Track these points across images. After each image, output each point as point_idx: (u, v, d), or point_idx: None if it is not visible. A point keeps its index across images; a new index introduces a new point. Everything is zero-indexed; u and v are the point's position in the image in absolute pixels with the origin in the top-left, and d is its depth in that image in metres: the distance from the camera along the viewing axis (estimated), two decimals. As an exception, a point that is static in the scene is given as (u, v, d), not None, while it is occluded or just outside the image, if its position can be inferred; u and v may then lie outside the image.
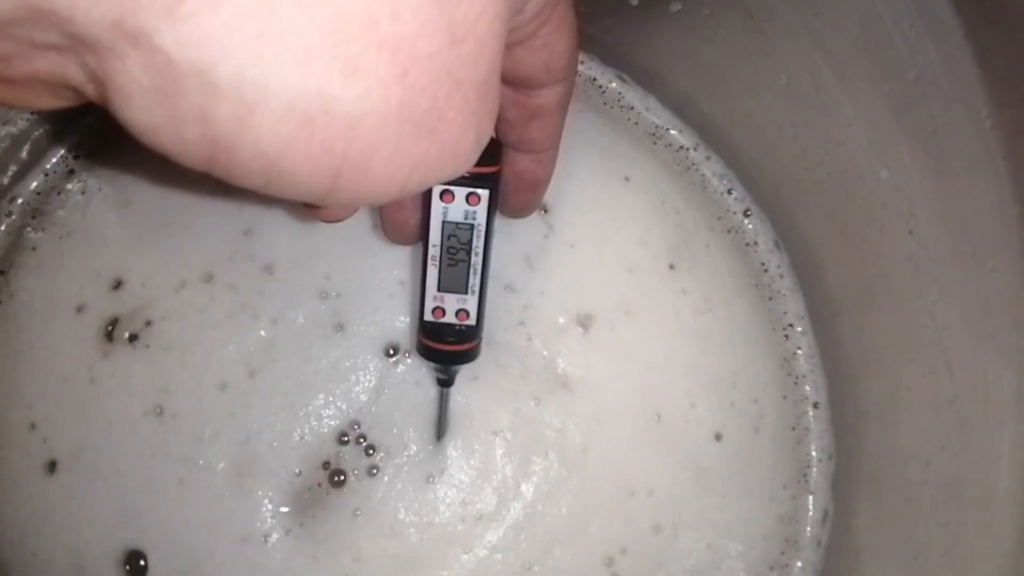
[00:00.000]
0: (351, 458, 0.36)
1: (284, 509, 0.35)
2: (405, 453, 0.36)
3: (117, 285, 0.37)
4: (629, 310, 0.38)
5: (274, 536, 0.35)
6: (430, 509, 0.36)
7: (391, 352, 0.37)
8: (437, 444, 0.36)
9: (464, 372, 0.36)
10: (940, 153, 0.30)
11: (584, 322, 0.38)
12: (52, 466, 0.36)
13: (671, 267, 0.39)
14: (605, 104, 0.41)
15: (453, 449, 0.36)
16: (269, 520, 0.35)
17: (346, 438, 0.36)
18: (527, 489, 0.36)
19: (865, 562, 0.36)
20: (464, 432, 0.37)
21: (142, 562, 0.35)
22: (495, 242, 0.32)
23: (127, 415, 0.36)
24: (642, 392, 0.38)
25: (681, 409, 0.38)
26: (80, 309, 0.37)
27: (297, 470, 0.36)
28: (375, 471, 0.36)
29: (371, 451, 0.36)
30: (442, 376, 0.34)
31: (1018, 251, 0.28)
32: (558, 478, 0.37)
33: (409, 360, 0.37)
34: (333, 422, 0.36)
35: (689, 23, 0.36)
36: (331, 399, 0.36)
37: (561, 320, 0.38)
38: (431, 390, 0.36)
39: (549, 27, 0.24)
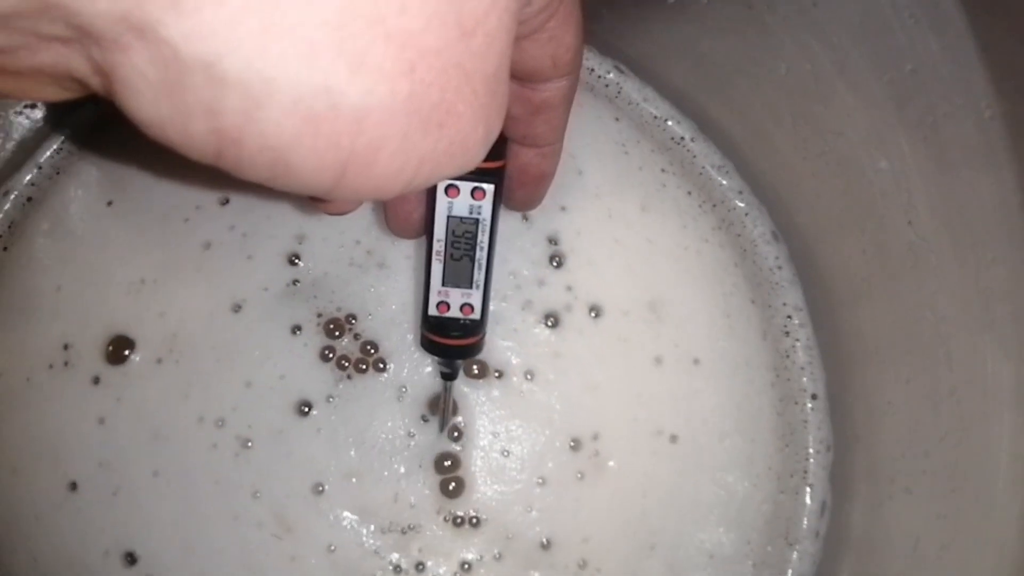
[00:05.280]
0: (349, 347, 0.37)
1: (271, 299, 0.37)
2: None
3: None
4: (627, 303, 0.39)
5: (250, 309, 0.37)
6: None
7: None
8: (439, 435, 0.36)
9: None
10: (940, 144, 0.30)
11: (595, 309, 0.38)
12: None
13: (669, 258, 0.39)
14: (603, 95, 0.41)
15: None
16: (254, 287, 0.37)
17: (371, 350, 0.37)
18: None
19: (863, 554, 0.36)
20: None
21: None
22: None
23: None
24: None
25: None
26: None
27: (319, 311, 0.37)
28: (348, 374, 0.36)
29: (362, 365, 0.37)
30: (445, 370, 0.34)
31: (1018, 242, 0.28)
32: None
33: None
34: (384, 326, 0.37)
35: (687, 13, 0.36)
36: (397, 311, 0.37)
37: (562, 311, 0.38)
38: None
39: (556, 20, 0.24)
